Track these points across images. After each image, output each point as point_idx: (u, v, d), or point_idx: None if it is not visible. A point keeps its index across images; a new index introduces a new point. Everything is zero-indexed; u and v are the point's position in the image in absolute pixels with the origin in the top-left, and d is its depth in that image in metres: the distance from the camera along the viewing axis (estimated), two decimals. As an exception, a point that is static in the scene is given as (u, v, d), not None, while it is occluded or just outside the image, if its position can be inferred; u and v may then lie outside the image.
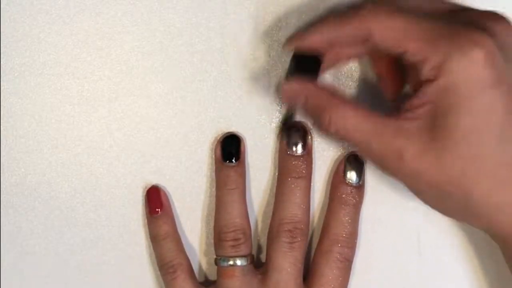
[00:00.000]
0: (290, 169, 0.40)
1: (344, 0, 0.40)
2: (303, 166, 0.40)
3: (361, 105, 0.35)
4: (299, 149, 0.40)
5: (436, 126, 0.33)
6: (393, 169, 0.35)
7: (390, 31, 0.34)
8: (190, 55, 0.41)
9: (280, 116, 0.41)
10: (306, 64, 0.37)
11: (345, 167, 0.40)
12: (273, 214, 0.41)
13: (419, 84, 0.34)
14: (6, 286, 0.42)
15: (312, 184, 0.41)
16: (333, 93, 0.36)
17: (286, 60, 0.41)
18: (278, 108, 0.41)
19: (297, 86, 0.36)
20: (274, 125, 0.42)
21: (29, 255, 0.42)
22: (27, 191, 0.42)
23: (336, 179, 0.41)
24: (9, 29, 0.41)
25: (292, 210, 0.40)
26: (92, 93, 0.41)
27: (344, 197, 0.40)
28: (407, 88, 0.39)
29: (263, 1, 0.41)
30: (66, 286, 0.42)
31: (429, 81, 0.33)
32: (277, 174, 0.41)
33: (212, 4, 0.41)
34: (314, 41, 0.36)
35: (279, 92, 0.37)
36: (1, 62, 0.41)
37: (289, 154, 0.40)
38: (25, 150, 0.41)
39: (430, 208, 0.40)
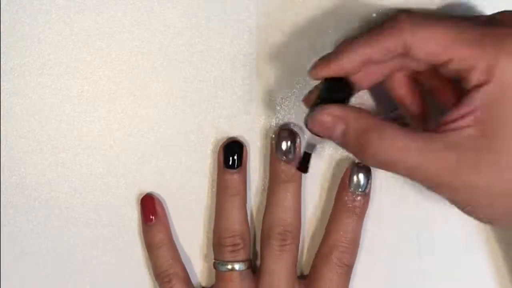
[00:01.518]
0: (280, 174, 0.40)
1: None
2: (292, 170, 0.40)
3: (403, 126, 0.33)
4: (289, 153, 0.40)
5: (487, 132, 0.32)
6: (446, 186, 0.33)
7: (433, 40, 0.33)
8: (190, 55, 0.41)
9: (303, 149, 0.38)
10: (336, 91, 0.35)
11: (351, 174, 0.40)
12: (264, 218, 0.41)
13: (462, 93, 0.33)
14: (6, 286, 0.42)
15: (316, 187, 0.41)
16: (374, 117, 0.34)
17: (286, 60, 0.41)
18: (278, 108, 0.41)
19: (337, 112, 0.34)
20: (274, 125, 0.41)
21: (29, 255, 0.42)
22: (27, 191, 0.42)
23: (342, 186, 0.41)
24: (9, 29, 0.41)
25: (282, 214, 0.40)
26: (92, 93, 0.41)
27: (348, 204, 0.40)
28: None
29: (263, 1, 0.41)
30: (66, 286, 0.42)
31: (478, 86, 0.32)
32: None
33: (212, 4, 0.41)
34: (349, 61, 0.34)
35: (311, 123, 0.35)
36: (1, 62, 0.41)
37: (277, 158, 0.40)
38: (25, 150, 0.41)
39: (430, 208, 0.40)
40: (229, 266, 0.39)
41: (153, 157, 0.42)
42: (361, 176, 0.40)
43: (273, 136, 0.41)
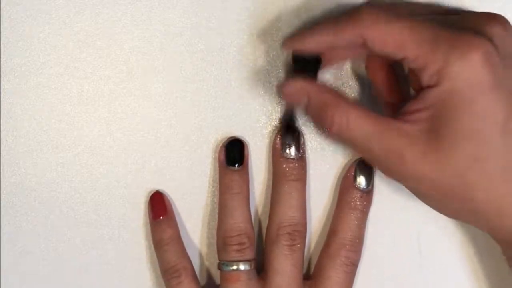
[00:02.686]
0: (285, 172, 0.40)
1: (342, 0, 0.41)
2: (297, 168, 0.40)
3: (363, 106, 0.35)
4: (292, 151, 0.40)
5: (437, 130, 0.33)
6: (394, 171, 0.35)
7: (388, 38, 0.34)
8: (190, 55, 0.41)
9: (280, 117, 0.41)
10: (305, 65, 0.37)
11: (355, 171, 0.40)
12: (271, 217, 0.40)
13: (420, 88, 0.34)
14: (6, 286, 0.42)
15: (318, 185, 0.41)
16: (335, 92, 0.36)
17: (286, 60, 0.41)
18: (278, 109, 0.41)
19: (299, 85, 0.36)
20: (274, 124, 0.41)
21: (29, 255, 0.42)
22: (27, 191, 0.42)
23: (346, 184, 0.41)
24: (9, 29, 0.41)
25: (290, 213, 0.39)
26: (92, 93, 0.41)
27: (353, 202, 0.40)
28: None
29: (263, 1, 0.41)
30: (66, 286, 0.42)
31: (430, 87, 0.33)
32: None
33: (212, 4, 0.41)
34: (312, 45, 0.36)
35: (280, 92, 0.37)
36: (1, 62, 0.41)
37: (283, 157, 0.40)
38: (25, 150, 0.41)
39: (430, 208, 0.40)
40: (235, 267, 0.39)
41: (153, 157, 0.42)
42: (364, 174, 0.40)
43: (278, 135, 0.41)
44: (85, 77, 0.41)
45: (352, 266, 0.40)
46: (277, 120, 0.41)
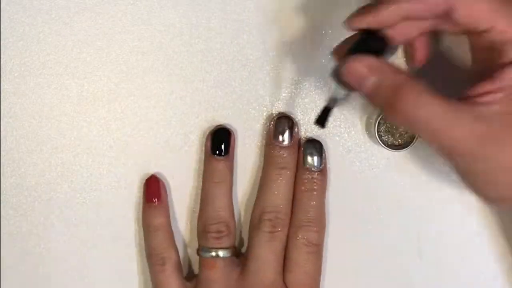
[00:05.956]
0: (275, 160, 0.40)
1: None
2: (288, 157, 0.40)
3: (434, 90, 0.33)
4: (285, 139, 0.40)
5: None
6: (470, 155, 0.33)
7: (477, 6, 0.32)
8: (190, 55, 0.41)
9: (326, 102, 0.36)
10: (371, 42, 0.34)
11: (304, 153, 0.40)
12: (256, 203, 0.40)
13: (495, 67, 0.32)
14: (6, 286, 0.42)
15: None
16: (407, 73, 0.33)
17: (286, 60, 0.41)
18: (278, 109, 0.41)
19: (371, 63, 0.33)
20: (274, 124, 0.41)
21: (29, 255, 0.42)
22: (27, 191, 0.42)
23: (297, 166, 0.40)
24: (9, 29, 0.41)
25: (275, 200, 0.39)
26: (92, 93, 0.41)
27: (305, 183, 0.40)
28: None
29: (263, 1, 0.41)
30: (66, 286, 0.42)
31: None
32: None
33: (212, 4, 0.41)
34: (390, 14, 0.33)
35: (344, 70, 0.33)
36: (1, 62, 0.41)
37: (275, 144, 0.40)
38: (25, 150, 0.41)
39: (430, 208, 0.40)
40: (213, 253, 0.39)
41: (153, 157, 0.42)
42: (315, 153, 0.40)
43: (271, 122, 0.40)
44: (85, 77, 0.41)
45: (314, 246, 0.39)
46: (275, 115, 0.41)
